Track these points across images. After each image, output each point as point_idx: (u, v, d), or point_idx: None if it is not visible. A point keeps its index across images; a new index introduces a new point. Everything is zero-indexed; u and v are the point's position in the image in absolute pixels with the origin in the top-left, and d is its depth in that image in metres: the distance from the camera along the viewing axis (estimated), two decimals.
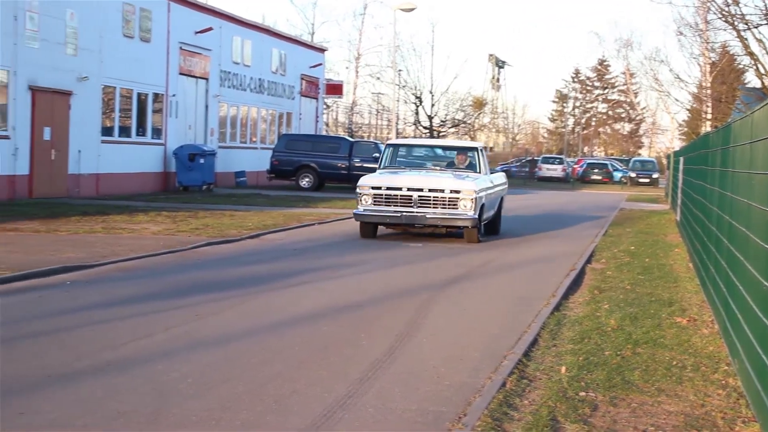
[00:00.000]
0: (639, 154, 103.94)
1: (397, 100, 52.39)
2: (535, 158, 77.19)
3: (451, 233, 21.50)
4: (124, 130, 34.81)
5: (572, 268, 16.55)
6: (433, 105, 68.81)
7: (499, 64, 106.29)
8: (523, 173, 72.47)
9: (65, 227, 19.80)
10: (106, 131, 33.34)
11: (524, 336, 10.50)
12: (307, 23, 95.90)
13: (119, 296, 12.29)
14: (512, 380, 8.46)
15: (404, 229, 21.14)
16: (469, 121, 72.06)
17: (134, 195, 32.65)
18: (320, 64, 54.80)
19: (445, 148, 23.59)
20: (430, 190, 20.00)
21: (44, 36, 29.07)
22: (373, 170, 30.52)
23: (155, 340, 9.78)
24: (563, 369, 8.89)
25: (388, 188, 20.14)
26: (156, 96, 36.64)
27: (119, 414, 7.15)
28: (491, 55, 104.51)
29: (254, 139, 46.83)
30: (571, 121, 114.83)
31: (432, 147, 23.48)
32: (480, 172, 21.50)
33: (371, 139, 61.88)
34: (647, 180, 68.68)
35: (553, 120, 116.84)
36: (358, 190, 20.36)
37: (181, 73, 38.48)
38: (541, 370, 8.96)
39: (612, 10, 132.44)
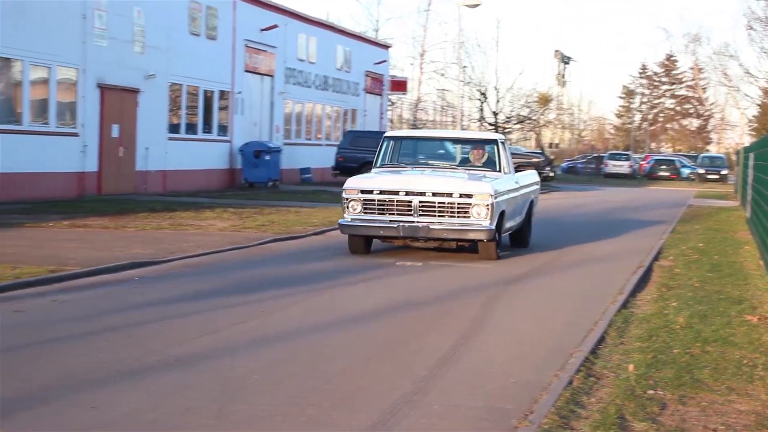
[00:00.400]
0: (707, 150, 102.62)
1: (462, 97, 52.27)
2: (601, 155, 76.60)
3: (462, 247, 17.23)
4: (191, 128, 35.11)
5: (640, 266, 16.37)
6: (498, 101, 68.51)
7: (565, 59, 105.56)
8: (589, 170, 71.99)
9: (133, 224, 20.02)
10: (173, 128, 33.67)
11: (591, 333, 10.40)
12: (371, 20, 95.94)
13: (186, 292, 12.39)
14: (579, 378, 8.38)
15: (405, 242, 16.98)
16: (534, 118, 71.59)
17: (200, 192, 32.92)
18: (385, 61, 54.84)
19: (456, 141, 19.28)
20: (434, 194, 16.12)
21: (112, 34, 29.41)
22: None
23: (221, 336, 9.84)
24: (631, 367, 8.79)
25: (381, 192, 16.27)
26: (222, 93, 36.91)
27: (187, 409, 7.20)
28: (557, 50, 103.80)
29: (319, 136, 46.99)
30: (637, 117, 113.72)
31: (441, 140, 19.38)
32: (500, 171, 17.55)
33: None
34: (716, 176, 67.82)
35: (619, 116, 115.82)
36: (344, 194, 16.50)
37: (246, 71, 38.73)
38: (608, 367, 8.87)
39: (680, 5, 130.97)
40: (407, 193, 16.20)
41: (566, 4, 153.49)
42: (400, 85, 57.76)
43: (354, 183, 16.67)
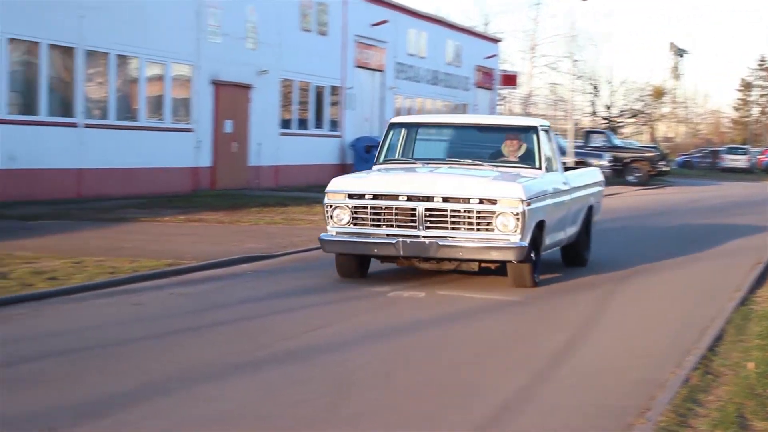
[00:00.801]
0: None
1: (573, 91, 51.72)
2: (718, 149, 75.12)
3: (487, 270, 12.87)
4: (302, 123, 35.42)
5: (758, 262, 15.96)
6: (611, 94, 67.70)
7: (679, 52, 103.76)
8: (705, 164, 70.71)
9: (246, 218, 20.25)
10: (285, 124, 34.00)
11: (708, 330, 10.17)
12: (481, 14, 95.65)
13: (298, 286, 12.47)
14: (696, 375, 8.20)
15: (411, 263, 12.88)
16: (648, 111, 70.60)
17: (312, 186, 33.13)
18: (495, 55, 54.58)
19: (483, 128, 14.85)
20: (445, 200, 12.17)
21: (225, 31, 29.83)
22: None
23: (333, 330, 9.87)
24: (751, 365, 8.57)
25: (375, 197, 12.43)
26: (333, 89, 37.16)
27: (299, 402, 7.24)
28: (671, 43, 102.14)
29: None
30: (756, 110, 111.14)
31: (463, 127, 15.06)
32: (540, 168, 13.44)
33: None
34: None
35: (737, 109, 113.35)
36: (326, 199, 12.67)
37: (357, 66, 38.92)
38: (726, 365, 8.67)
39: None
40: (409, 198, 12.28)
41: None
42: (510, 80, 57.41)
43: (340, 184, 12.80)
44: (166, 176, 27.35)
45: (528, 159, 13.62)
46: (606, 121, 66.22)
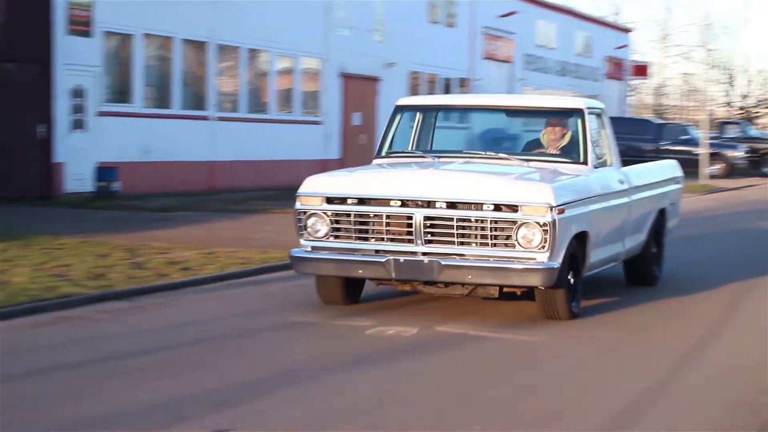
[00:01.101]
0: None
1: (708, 81, 50.60)
2: None
3: (512, 295, 10.10)
4: None
5: None
6: (748, 83, 66.04)
7: None
8: None
9: None
10: None
11: None
12: (611, 3, 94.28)
13: None
14: None
15: (413, 287, 9.99)
16: None
17: None
18: (625, 45, 53.75)
19: (515, 112, 11.70)
20: (450, 205, 9.37)
21: (353, 24, 30.03)
22: (682, 154, 26.94)
23: (444, 326, 9.67)
24: None
25: (360, 201, 9.68)
26: (461, 81, 37.08)
27: (415, 397, 7.22)
28: None
29: None
30: None
31: (489, 110, 11.97)
32: (586, 162, 10.49)
33: (680, 121, 60.15)
34: None
35: None
36: (297, 204, 10.12)
37: (485, 58, 38.76)
38: None
39: None
40: (404, 203, 9.50)
41: None
42: (641, 70, 56.47)
43: (315, 185, 10.10)
44: (295, 168, 27.62)
45: (571, 151, 10.68)
46: (742, 111, 64.64)
